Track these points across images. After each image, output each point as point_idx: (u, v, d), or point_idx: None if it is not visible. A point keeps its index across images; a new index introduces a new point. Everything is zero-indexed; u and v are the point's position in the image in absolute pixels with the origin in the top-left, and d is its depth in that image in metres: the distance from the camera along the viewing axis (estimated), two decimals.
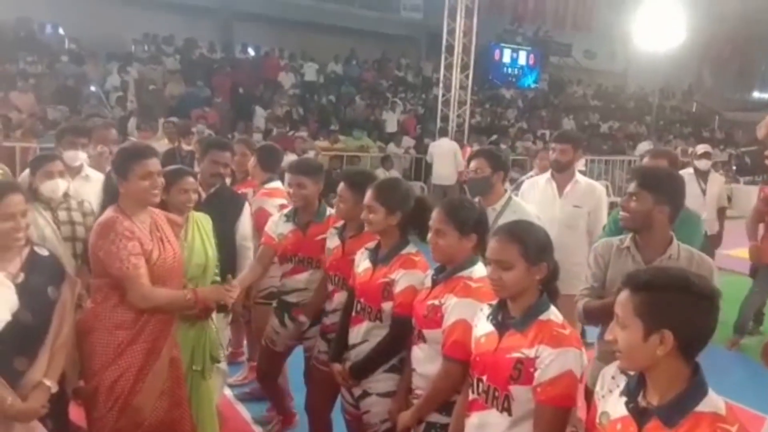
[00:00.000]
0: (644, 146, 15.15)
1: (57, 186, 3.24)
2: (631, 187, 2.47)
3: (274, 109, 12.56)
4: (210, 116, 11.48)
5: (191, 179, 3.01)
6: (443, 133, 11.72)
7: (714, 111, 21.42)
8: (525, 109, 17.74)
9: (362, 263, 2.71)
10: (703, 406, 1.47)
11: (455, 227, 2.29)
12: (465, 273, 2.28)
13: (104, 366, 2.43)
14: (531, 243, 1.95)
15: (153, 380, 2.48)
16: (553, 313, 1.95)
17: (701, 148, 6.08)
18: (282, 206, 3.66)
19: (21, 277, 2.20)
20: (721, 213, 5.92)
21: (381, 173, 9.57)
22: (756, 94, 23.52)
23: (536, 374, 1.85)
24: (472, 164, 3.41)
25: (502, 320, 2.00)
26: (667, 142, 15.89)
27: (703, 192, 5.71)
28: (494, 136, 13.18)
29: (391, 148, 11.95)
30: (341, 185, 2.91)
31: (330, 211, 3.26)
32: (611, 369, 1.72)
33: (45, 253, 2.37)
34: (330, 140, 11.57)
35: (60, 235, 3.20)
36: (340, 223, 3.02)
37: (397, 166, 11.48)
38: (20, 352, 2.18)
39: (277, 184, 4.00)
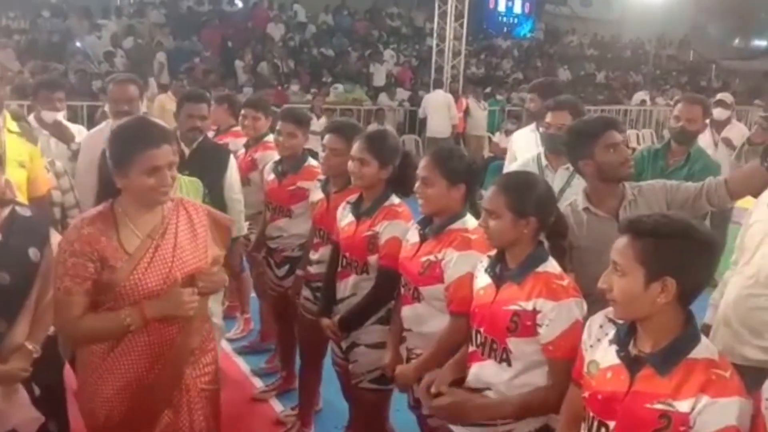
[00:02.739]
0: (640, 96, 15.06)
1: None
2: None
3: (267, 62, 12.32)
4: (198, 71, 11.28)
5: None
6: (438, 84, 11.54)
7: (711, 60, 21.14)
8: (520, 59, 17.46)
9: (345, 217, 2.67)
10: (696, 353, 1.46)
11: (444, 176, 2.22)
12: (458, 225, 2.23)
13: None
14: (520, 196, 1.92)
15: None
16: (551, 265, 1.93)
17: (719, 96, 5.72)
18: None
19: None
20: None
21: (374, 127, 9.46)
22: (755, 42, 23.12)
23: (542, 330, 1.84)
24: (553, 117, 3.00)
25: (500, 272, 1.98)
26: (664, 92, 15.74)
27: (715, 144, 5.31)
28: (489, 88, 13.00)
29: (383, 100, 11.78)
30: (331, 137, 2.83)
31: (309, 162, 3.29)
32: (599, 318, 1.69)
33: (28, 213, 2.23)
34: (321, 93, 11.34)
35: None
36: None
37: (391, 119, 11.34)
38: None
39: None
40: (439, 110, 10.49)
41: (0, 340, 2.09)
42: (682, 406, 1.42)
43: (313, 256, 2.99)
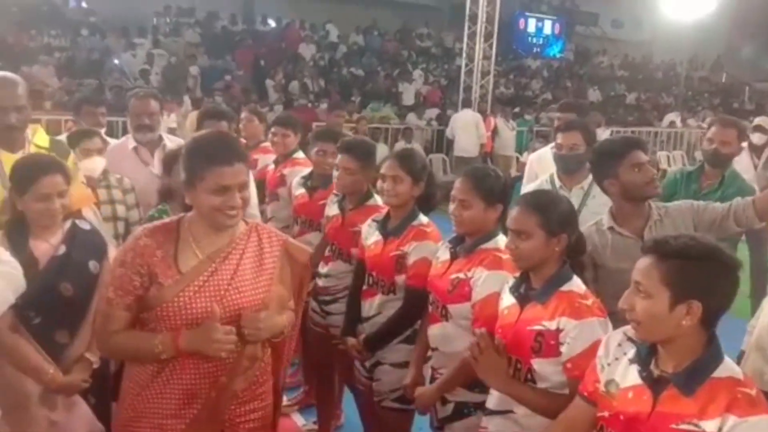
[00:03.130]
0: (670, 117, 14.90)
1: (95, 164, 3.04)
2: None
3: (298, 81, 12.51)
4: (236, 89, 11.49)
5: None
6: (466, 104, 11.58)
7: (744, 82, 20.84)
8: (550, 79, 17.46)
9: (371, 236, 2.64)
10: (719, 372, 1.45)
11: (481, 198, 2.19)
12: (491, 245, 2.21)
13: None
14: (551, 214, 1.90)
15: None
16: (575, 284, 1.90)
17: (757, 121, 5.56)
18: None
19: (62, 249, 2.18)
20: None
21: (402, 146, 9.52)
22: None
23: (563, 349, 1.80)
24: (563, 138, 3.03)
25: (524, 292, 1.96)
26: (696, 114, 15.55)
27: (755, 167, 5.15)
28: (517, 108, 13.00)
29: (412, 119, 11.85)
30: (343, 157, 2.81)
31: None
32: (617, 336, 1.66)
33: (87, 227, 2.32)
34: (347, 111, 11.42)
35: (100, 215, 2.94)
36: None
37: (419, 137, 11.39)
38: (61, 326, 2.15)
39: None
40: (467, 129, 10.50)
41: (62, 351, 2.15)
42: (709, 426, 1.40)
43: (323, 269, 3.00)
